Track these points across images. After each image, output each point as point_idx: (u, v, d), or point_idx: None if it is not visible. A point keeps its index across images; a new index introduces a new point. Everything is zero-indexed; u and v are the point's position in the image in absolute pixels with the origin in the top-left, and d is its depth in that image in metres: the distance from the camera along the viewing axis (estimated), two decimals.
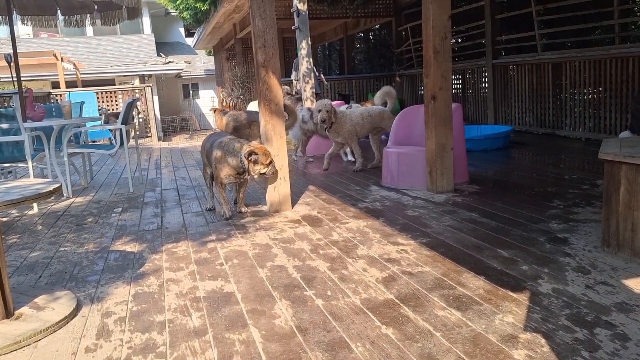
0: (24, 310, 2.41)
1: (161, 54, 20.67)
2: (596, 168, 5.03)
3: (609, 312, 2.09)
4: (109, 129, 9.99)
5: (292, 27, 8.17)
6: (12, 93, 9.02)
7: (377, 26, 14.81)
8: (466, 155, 4.91)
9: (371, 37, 16.24)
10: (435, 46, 4.18)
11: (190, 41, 22.62)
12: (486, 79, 8.96)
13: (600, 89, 6.74)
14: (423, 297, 2.35)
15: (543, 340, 1.91)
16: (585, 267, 2.57)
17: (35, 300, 2.52)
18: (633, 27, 9.03)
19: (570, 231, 3.16)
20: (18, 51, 5.62)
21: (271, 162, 3.84)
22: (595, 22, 7.11)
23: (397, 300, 2.33)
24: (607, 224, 2.72)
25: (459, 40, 11.24)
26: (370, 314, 2.22)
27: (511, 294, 2.32)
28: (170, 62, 18.83)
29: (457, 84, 10.10)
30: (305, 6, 8.03)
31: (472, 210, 3.79)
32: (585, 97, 7.04)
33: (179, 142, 12.17)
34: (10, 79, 9.90)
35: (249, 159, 3.78)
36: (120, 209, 4.66)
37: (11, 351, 2.08)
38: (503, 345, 1.89)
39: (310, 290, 2.53)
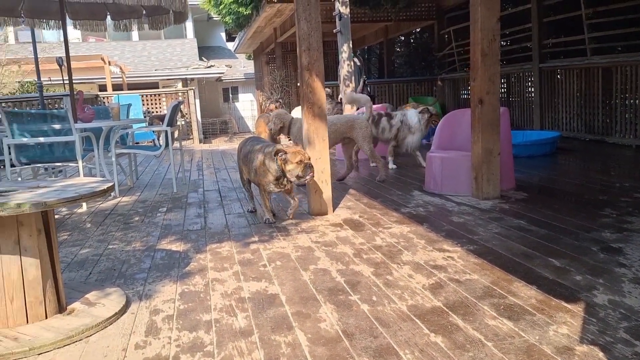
0: (76, 305, 2.48)
1: (203, 58, 21.08)
2: None
3: None
4: (153, 131, 10.25)
5: (334, 31, 8.19)
6: (63, 95, 9.38)
7: (418, 29, 14.68)
8: (513, 161, 4.80)
9: (412, 41, 16.11)
10: (483, 49, 4.10)
11: (231, 45, 23.02)
12: (532, 84, 8.74)
13: None
14: (472, 305, 2.29)
15: (601, 354, 1.83)
16: None
17: (87, 296, 2.59)
18: None
19: (625, 241, 3.03)
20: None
21: (302, 161, 3.65)
22: None
23: (445, 308, 2.28)
24: None
25: (504, 44, 11.01)
26: (417, 321, 2.18)
27: (565, 304, 2.24)
28: (211, 66, 19.18)
29: (502, 88, 9.89)
30: (348, 9, 8.03)
31: (520, 218, 3.69)
32: (637, 103, 6.76)
33: (219, 144, 12.37)
34: (62, 82, 10.30)
35: (278, 156, 3.69)
36: (165, 209, 4.75)
37: (64, 345, 2.14)
38: (558, 357, 1.82)
39: (355, 294, 2.50)
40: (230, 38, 23.89)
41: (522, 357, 1.84)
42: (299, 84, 4.42)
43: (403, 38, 16.31)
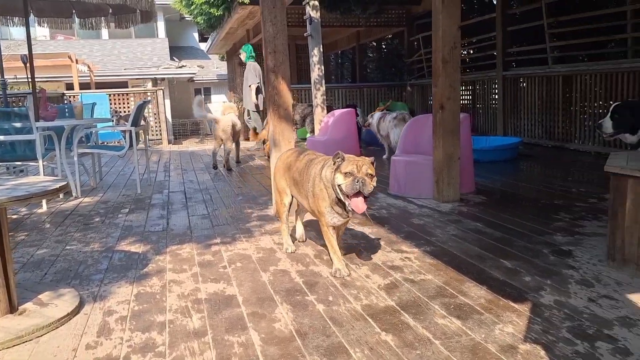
0: (28, 306, 2.43)
1: (174, 58, 20.85)
2: (604, 182, 4.96)
3: (611, 326, 2.07)
4: (121, 131, 10.08)
5: (305, 34, 8.22)
6: (26, 93, 9.14)
7: (389, 36, 14.84)
8: (473, 165, 4.90)
9: (383, 47, 16.27)
10: (444, 56, 4.18)
11: (203, 46, 22.78)
12: (496, 91, 8.94)
13: (611, 102, 6.69)
14: (424, 304, 2.34)
15: (542, 352, 1.89)
16: (589, 280, 2.55)
17: (40, 296, 2.54)
18: None
19: (576, 244, 3.14)
20: (35, 52, 5.71)
21: (351, 173, 2.58)
22: (607, 35, 7.08)
23: (397, 307, 2.32)
24: (613, 238, 2.70)
25: (470, 52, 11.23)
26: (370, 320, 2.21)
27: (512, 304, 2.31)
28: (183, 66, 18.98)
29: (467, 95, 10.09)
30: (318, 14, 8.07)
31: (477, 220, 3.78)
32: (596, 112, 6.99)
33: (189, 145, 12.23)
34: (26, 80, 10.05)
35: (335, 159, 2.66)
36: (127, 210, 4.69)
37: (14, 345, 2.10)
38: (502, 356, 1.87)
39: (312, 295, 2.52)
40: (203, 38, 23.63)
41: (468, 355, 1.89)
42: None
43: (375, 44, 16.46)
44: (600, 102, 6.91)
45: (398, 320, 2.19)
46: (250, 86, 9.01)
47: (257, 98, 9.00)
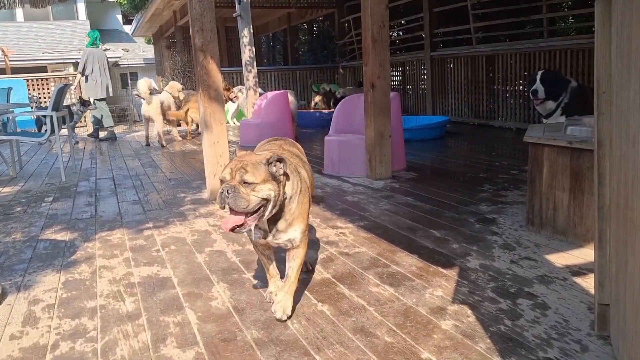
0: None
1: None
2: (525, 155, 5.26)
3: (531, 284, 2.22)
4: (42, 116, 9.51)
5: (234, 15, 8.08)
6: None
7: (320, 17, 14.85)
8: (404, 143, 5.04)
9: (315, 29, 16.27)
10: (373, 35, 4.25)
11: (128, 29, 21.87)
12: (425, 72, 9.20)
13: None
14: (358, 275, 2.41)
15: (469, 311, 2.00)
16: (510, 244, 2.71)
17: None
18: (562, 22, 9.54)
19: (498, 212, 3.32)
20: None
21: (222, 180, 1.83)
22: (525, 16, 7.44)
23: (333, 279, 2.37)
24: (531, 204, 2.88)
25: (400, 33, 11.46)
26: (307, 292, 2.25)
27: (442, 270, 2.42)
28: (106, 49, 18.08)
29: (397, 76, 10.31)
30: None
31: (408, 195, 3.90)
32: (517, 89, 7.36)
33: (117, 132, 11.74)
34: None
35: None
36: (51, 199, 4.46)
37: None
38: (432, 317, 1.96)
39: (249, 273, 2.53)
40: (128, 21, 22.69)
41: (400, 318, 1.96)
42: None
43: (306, 25, 16.42)
44: (521, 81, 7.28)
45: (334, 291, 2.24)
46: (76, 74, 8.69)
47: (88, 88, 8.66)
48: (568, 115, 4.01)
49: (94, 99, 8.53)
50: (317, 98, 10.36)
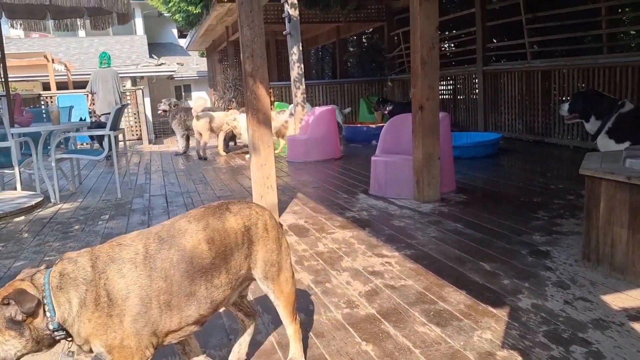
0: None
1: (153, 55, 20.63)
2: (582, 177, 5.08)
3: (585, 329, 2.13)
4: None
5: (284, 33, 8.20)
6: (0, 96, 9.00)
7: (369, 30, 14.87)
8: (453, 164, 4.95)
9: (364, 41, 16.29)
10: (422, 57, 4.21)
11: (183, 42, 22.62)
12: (477, 86, 9.02)
13: None
14: (404, 312, 2.37)
15: (520, 358, 1.93)
16: (565, 282, 2.61)
17: None
18: (622, 35, 9.14)
19: (553, 244, 3.20)
20: (8, 52, 5.61)
21: None
22: (583, 31, 7.18)
23: (378, 316, 2.35)
24: (588, 239, 2.76)
25: (452, 46, 11.32)
26: (351, 329, 2.24)
27: (491, 309, 2.35)
28: (162, 63, 18.79)
29: (448, 89, 10.16)
30: (297, 12, 8.06)
31: (458, 221, 3.83)
32: None
33: (171, 145, 12.14)
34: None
35: None
36: (107, 216, 4.65)
37: None
38: None
39: None
40: (182, 35, 23.44)
41: None
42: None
43: (355, 38, 16.47)
44: None
45: (378, 329, 2.22)
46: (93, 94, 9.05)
47: (96, 105, 9.07)
48: (618, 140, 3.82)
49: (101, 114, 8.96)
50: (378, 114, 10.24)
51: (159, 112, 9.33)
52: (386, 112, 9.39)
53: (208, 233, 1.62)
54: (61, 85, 14.61)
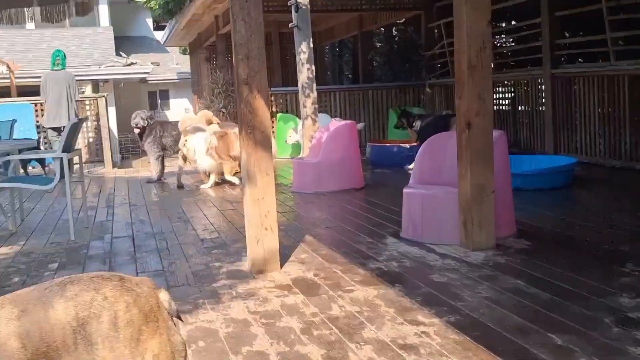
0: None
1: (121, 52, 21.01)
2: None
3: None
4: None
5: (290, 25, 8.34)
6: None
7: (401, 21, 15.04)
8: (513, 198, 4.93)
9: (395, 35, 16.48)
10: (470, 59, 4.24)
11: (160, 36, 23.02)
12: (543, 94, 9.04)
13: None
14: None
15: None
16: None
17: None
18: None
19: None
20: None
21: None
22: None
23: None
24: None
25: (510, 42, 11.38)
26: None
27: None
28: (132, 63, 19.12)
29: (505, 99, 10.20)
30: None
31: (518, 276, 3.79)
32: None
33: (141, 167, 12.26)
34: None
35: None
36: (56, 265, 4.69)
37: None
38: None
39: None
40: (159, 27, 23.94)
41: None
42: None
43: (383, 30, 16.69)
44: None
45: None
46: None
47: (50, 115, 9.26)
48: None
49: (47, 127, 9.20)
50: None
51: (134, 129, 9.11)
52: (414, 130, 9.01)
53: (23, 324, 1.47)
54: (1, 92, 14.89)
